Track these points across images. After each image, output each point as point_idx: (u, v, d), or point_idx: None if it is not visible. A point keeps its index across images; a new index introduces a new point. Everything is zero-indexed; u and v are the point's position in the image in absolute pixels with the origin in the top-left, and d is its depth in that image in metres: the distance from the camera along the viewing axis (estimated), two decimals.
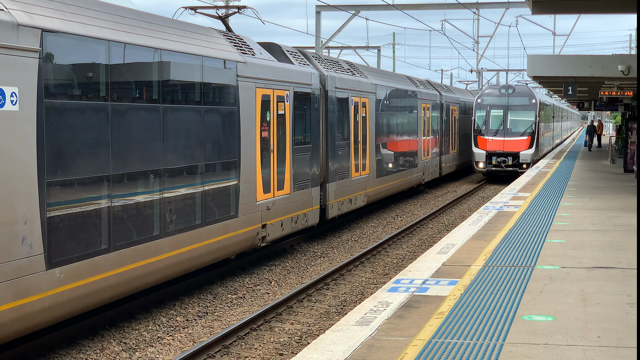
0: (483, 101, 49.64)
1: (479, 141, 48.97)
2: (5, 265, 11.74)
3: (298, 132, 23.40)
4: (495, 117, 49.12)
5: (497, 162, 48.11)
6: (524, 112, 49.13)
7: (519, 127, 48.86)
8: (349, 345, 9.09)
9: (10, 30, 11.83)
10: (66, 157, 13.18)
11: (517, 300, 11.30)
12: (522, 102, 49.22)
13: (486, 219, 19.85)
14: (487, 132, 48.95)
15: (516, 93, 49.58)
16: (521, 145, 48.28)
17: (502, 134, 48.70)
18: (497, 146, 48.36)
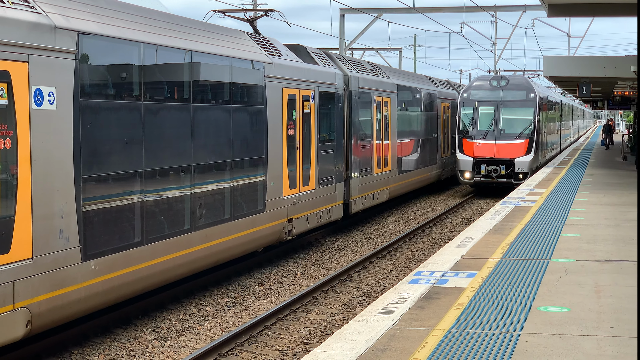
0: (470, 96, 38.51)
1: (464, 145, 38.13)
2: (43, 257, 11.78)
3: (323, 130, 23.37)
4: (485, 116, 38.09)
5: (487, 172, 37.25)
6: (521, 109, 38.05)
7: (514, 128, 37.81)
8: (371, 335, 9.06)
9: (48, 33, 11.86)
10: (101, 154, 13.21)
11: (533, 292, 11.23)
12: (518, 96, 38.16)
13: (503, 214, 19.75)
14: (474, 135, 37.78)
15: (511, 86, 38.41)
16: (516, 151, 37.41)
17: (493, 136, 37.65)
18: (486, 152, 37.52)
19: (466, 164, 37.72)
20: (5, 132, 11.05)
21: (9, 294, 11.12)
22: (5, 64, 11.00)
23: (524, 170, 36.83)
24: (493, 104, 38.04)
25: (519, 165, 37.12)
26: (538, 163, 39.21)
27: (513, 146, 37.37)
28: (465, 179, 37.83)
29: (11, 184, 11.22)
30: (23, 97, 11.35)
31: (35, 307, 11.65)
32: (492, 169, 37.15)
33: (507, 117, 37.94)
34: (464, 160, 37.86)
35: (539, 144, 39.12)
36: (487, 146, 37.48)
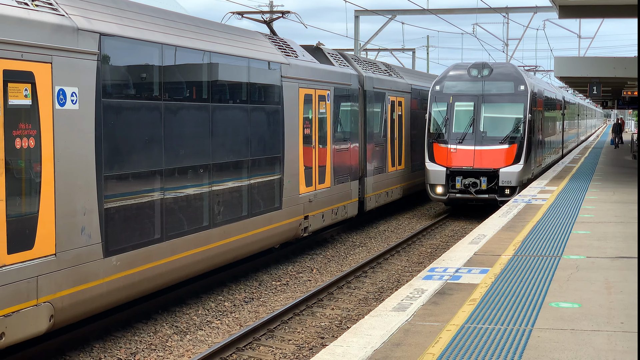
0: (443, 88, 29.92)
1: (435, 152, 29.16)
2: (66, 253, 11.82)
3: (338, 129, 23.36)
4: (462, 114, 29.53)
5: (464, 186, 28.47)
6: (508, 105, 29.45)
7: (499, 130, 29.06)
8: (386, 330, 9.06)
9: (71, 35, 11.89)
10: (122, 152, 13.24)
11: (545, 288, 11.20)
12: (504, 89, 29.60)
13: (515, 211, 19.70)
14: (448, 138, 29.13)
15: (495, 76, 29.79)
16: (502, 159, 28.53)
17: (471, 140, 28.87)
18: (463, 160, 28.70)
19: (437, 176, 28.78)
20: (30, 132, 11.09)
21: (33, 289, 11.16)
22: (30, 65, 11.04)
23: (511, 184, 28.11)
24: (472, 99, 29.28)
25: (504, 177, 28.20)
26: (530, 174, 30.55)
27: (497, 153, 28.54)
28: (437, 195, 28.96)
29: (35, 182, 11.26)
30: (47, 97, 11.39)
31: (58, 302, 11.69)
32: (470, 182, 28.26)
33: (490, 116, 29.13)
34: (435, 171, 28.86)
35: (532, 149, 30.59)
36: (465, 153, 28.63)
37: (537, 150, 32.90)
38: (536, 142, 32.20)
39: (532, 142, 30.52)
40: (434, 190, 29.00)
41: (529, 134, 29.37)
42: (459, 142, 28.83)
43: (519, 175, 28.55)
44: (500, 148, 28.71)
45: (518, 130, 29.00)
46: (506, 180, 28.28)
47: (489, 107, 29.32)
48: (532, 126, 30.27)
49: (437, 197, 29.06)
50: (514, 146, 28.76)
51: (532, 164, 31.07)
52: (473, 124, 29.08)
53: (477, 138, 28.82)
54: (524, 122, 29.09)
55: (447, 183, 28.66)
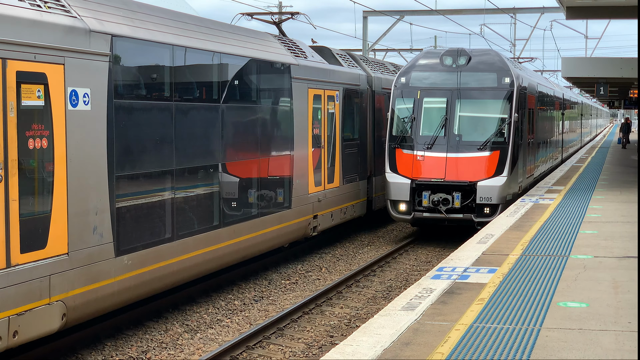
0: (409, 81, 23.96)
1: (398, 160, 23.30)
2: (78, 252, 11.85)
3: (347, 129, 23.36)
4: (432, 113, 23.60)
5: (433, 203, 22.51)
6: (489, 102, 23.42)
7: (478, 133, 23.22)
8: (395, 329, 9.06)
9: (83, 36, 11.92)
10: (133, 153, 13.27)
11: (552, 288, 11.19)
12: (485, 82, 23.56)
13: (523, 211, 19.68)
14: (415, 142, 23.15)
15: (474, 65, 23.75)
16: (480, 169, 22.73)
17: (443, 145, 23.05)
18: (432, 170, 22.87)
19: (400, 190, 22.83)
20: (42, 132, 11.13)
21: (45, 288, 11.19)
22: (42, 66, 11.08)
23: (491, 201, 22.29)
24: (445, 94, 23.43)
25: (483, 192, 22.31)
26: (517, 187, 24.39)
27: (475, 162, 22.69)
28: (399, 213, 22.96)
29: (48, 182, 11.29)
30: (59, 98, 11.42)
31: (70, 301, 11.72)
32: (440, 198, 22.39)
33: (467, 115, 23.29)
34: (397, 184, 22.89)
35: (520, 156, 24.52)
36: (434, 161, 22.79)
37: (528, 158, 26.52)
38: (526, 148, 25.91)
39: (520, 147, 24.39)
40: (396, 207, 22.92)
41: (516, 138, 23.40)
42: (428, 147, 22.88)
43: (502, 189, 22.42)
44: (479, 156, 22.65)
45: (502, 133, 22.90)
46: (485, 197, 22.25)
47: (466, 104, 23.30)
48: (521, 128, 24.35)
49: (400, 216, 22.98)
50: (496, 153, 22.69)
51: (520, 175, 24.78)
52: (445, 125, 23.03)
53: (451, 143, 22.86)
54: (510, 123, 22.96)
55: (412, 199, 22.67)
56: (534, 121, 28.18)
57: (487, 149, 22.71)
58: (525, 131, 25.51)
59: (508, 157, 22.73)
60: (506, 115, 23.05)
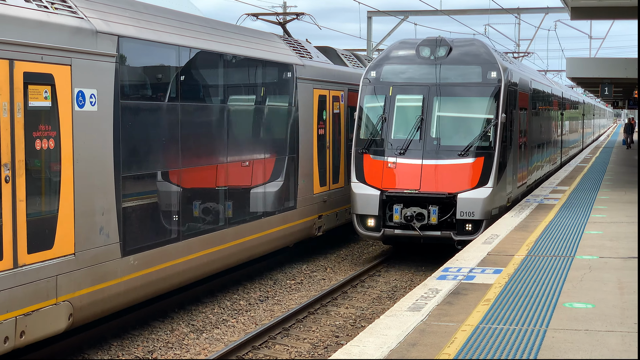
0: (380, 75, 20.78)
1: (366, 168, 20.17)
2: (85, 252, 11.86)
3: (352, 129, 23.36)
4: (406, 113, 20.43)
5: (406, 218, 19.28)
6: (473, 100, 20.25)
7: (459, 136, 20.04)
8: (402, 330, 9.06)
9: (90, 37, 11.93)
10: (139, 153, 13.28)
11: (558, 289, 11.18)
12: (468, 77, 20.36)
13: (527, 211, 19.67)
14: (385, 147, 20.08)
15: (456, 57, 20.59)
16: (461, 178, 19.55)
17: (418, 151, 19.86)
18: (405, 180, 19.71)
19: (367, 203, 19.62)
20: (49, 133, 11.14)
21: (52, 288, 11.21)
22: (49, 67, 11.09)
23: (474, 217, 19.07)
24: (421, 91, 20.17)
25: (465, 205, 19.05)
26: (506, 199, 20.94)
27: (455, 170, 19.43)
28: (368, 229, 19.72)
29: (54, 183, 11.31)
30: (66, 99, 11.43)
31: (77, 301, 11.74)
32: (414, 212, 19.14)
33: (447, 115, 20.09)
34: (364, 196, 19.68)
35: (510, 163, 21.20)
36: (408, 170, 19.59)
37: (519, 164, 23.08)
38: (516, 152, 22.45)
39: (510, 152, 21.14)
40: (363, 223, 19.69)
41: (504, 142, 20.17)
42: (400, 153, 19.60)
43: (487, 202, 19.12)
44: (460, 163, 19.39)
45: (487, 136, 19.61)
46: (467, 211, 19.00)
47: (446, 102, 20.04)
48: (510, 130, 21.10)
49: (367, 233, 19.68)
50: (480, 160, 19.41)
51: (509, 184, 21.36)
52: (421, 127, 19.77)
53: (427, 148, 19.61)
54: (496, 124, 19.66)
55: (382, 213, 19.45)
56: (527, 122, 24.80)
57: (469, 154, 19.42)
58: (516, 133, 22.20)
59: (494, 164, 19.42)
60: (492, 116, 19.74)
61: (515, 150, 22.05)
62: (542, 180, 29.94)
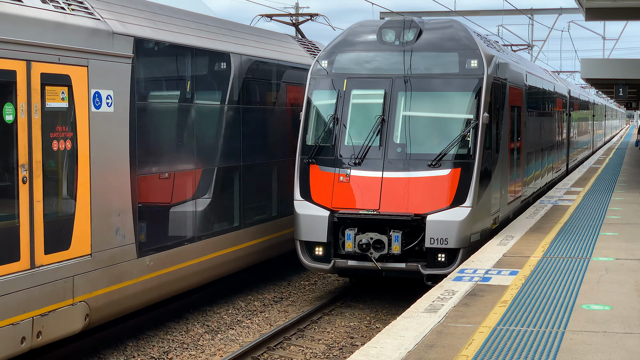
0: (333, 66, 16.50)
1: (313, 181, 15.80)
2: (101, 253, 11.89)
3: None
4: (363, 112, 16.12)
5: (361, 246, 14.89)
6: (446, 96, 15.89)
7: (429, 142, 15.68)
8: (419, 331, 9.05)
9: (106, 39, 11.96)
10: (155, 154, 13.30)
11: (575, 290, 11.15)
12: (441, 66, 16.00)
13: (542, 213, 19.63)
14: (337, 156, 15.80)
15: (427, 43, 16.28)
16: (432, 196, 15.23)
17: (378, 160, 15.53)
18: (362, 197, 15.36)
19: (314, 226, 15.47)
20: (66, 134, 11.17)
21: (69, 288, 11.24)
22: (66, 69, 11.12)
23: (447, 245, 14.91)
24: (383, 85, 16.06)
25: (436, 230, 14.96)
26: (491, 221, 16.68)
27: (424, 184, 15.35)
28: (314, 259, 15.60)
29: (71, 183, 11.34)
30: (83, 100, 11.46)
31: (93, 302, 11.77)
32: (370, 239, 15.04)
33: (415, 116, 15.85)
34: (309, 217, 15.50)
35: (496, 174, 16.93)
36: (365, 184, 15.50)
37: (510, 174, 18.88)
38: (506, 161, 18.18)
39: (497, 160, 16.96)
40: (310, 251, 15.57)
41: (487, 148, 16.06)
42: (356, 163, 15.55)
43: (464, 226, 14.97)
44: (430, 176, 15.28)
45: (465, 141, 15.49)
46: (439, 237, 14.85)
47: (413, 98, 15.85)
48: (497, 133, 16.96)
49: (314, 264, 15.52)
50: (456, 172, 15.30)
51: (496, 201, 17.12)
52: (382, 130, 15.67)
53: (389, 157, 15.53)
54: (477, 126, 15.51)
55: (332, 240, 15.33)
56: (521, 123, 20.54)
57: (442, 165, 15.27)
58: (505, 137, 17.95)
59: (474, 176, 15.26)
60: (472, 115, 15.58)
61: (504, 158, 17.80)
62: (544, 191, 26.08)
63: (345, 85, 16.17)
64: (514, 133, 19.31)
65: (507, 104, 18.15)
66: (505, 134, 17.89)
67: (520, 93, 20.43)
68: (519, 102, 20.29)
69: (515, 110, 19.46)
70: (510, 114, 18.76)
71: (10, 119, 10.22)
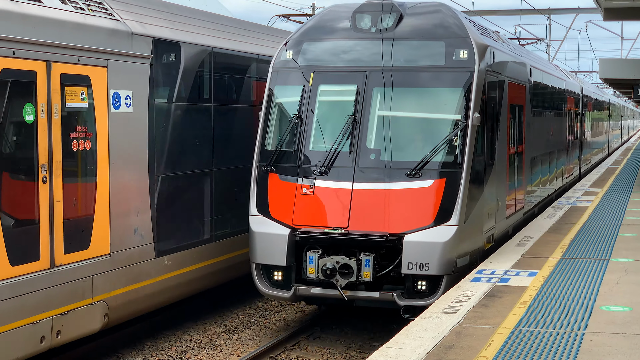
0: (297, 57, 14.02)
1: (271, 193, 13.42)
2: (120, 253, 11.94)
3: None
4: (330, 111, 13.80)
5: (325, 273, 12.53)
6: (430, 92, 13.47)
7: (408, 148, 13.28)
8: (438, 332, 9.05)
9: (125, 39, 12.01)
10: (173, 154, 13.34)
11: (595, 291, 11.13)
12: (423, 58, 13.55)
13: (560, 213, 19.58)
14: (299, 164, 13.40)
15: (408, 29, 13.76)
16: (411, 212, 12.78)
17: (347, 169, 13.14)
18: (328, 213, 12.99)
19: (271, 247, 13.17)
20: (86, 134, 11.23)
21: (88, 288, 11.29)
22: (86, 69, 11.17)
23: (428, 271, 12.55)
24: (355, 79, 13.76)
25: (414, 254, 12.61)
26: (483, 240, 14.26)
27: (402, 198, 12.99)
28: (272, 286, 13.37)
29: (91, 183, 11.39)
30: (102, 100, 11.51)
31: (112, 301, 11.82)
32: (336, 264, 12.67)
33: (391, 116, 13.52)
34: (267, 236, 13.20)
35: (490, 184, 14.58)
36: (330, 197, 13.20)
37: (509, 183, 16.38)
38: (504, 168, 15.75)
39: (492, 168, 14.58)
40: (268, 275, 13.31)
41: (479, 154, 13.69)
42: (322, 172, 13.22)
43: (449, 248, 12.67)
44: (409, 188, 12.98)
45: (452, 147, 13.16)
46: (418, 262, 12.57)
47: (391, 96, 13.53)
48: (491, 137, 14.59)
49: (272, 292, 13.25)
50: (440, 183, 12.95)
51: (491, 216, 14.70)
52: (353, 133, 13.35)
53: (361, 164, 13.21)
54: (465, 128, 13.15)
55: (297, 262, 13.17)
56: (523, 124, 18.02)
57: (424, 175, 12.93)
58: (503, 140, 15.56)
59: (461, 188, 12.87)
60: (460, 116, 13.20)
61: (501, 165, 15.36)
62: (552, 200, 23.53)
63: (311, 80, 13.78)
64: (514, 136, 16.87)
65: (506, 103, 15.85)
66: (503, 137, 15.51)
67: (522, 90, 17.90)
68: (521, 100, 17.78)
69: (516, 110, 17.03)
70: (510, 114, 16.34)
71: (31, 119, 10.28)
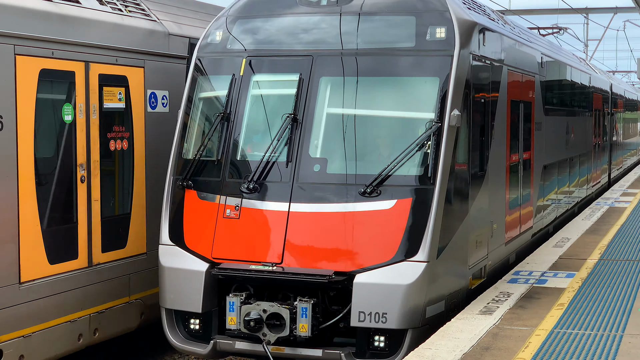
0: (228, 39, 10.57)
1: (187, 216, 10.06)
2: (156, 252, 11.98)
3: None
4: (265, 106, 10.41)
5: (247, 323, 9.13)
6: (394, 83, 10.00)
7: (367, 157, 9.82)
8: (474, 334, 9.01)
9: (162, 40, 12.08)
10: None
11: (633, 293, 11.03)
12: (387, 38, 10.00)
13: (598, 214, 19.43)
14: (223, 178, 10.08)
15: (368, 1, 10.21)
16: (364, 243, 9.30)
17: (284, 185, 9.75)
18: (255, 244, 9.58)
19: (184, 287, 9.77)
20: (123, 134, 11.31)
21: (125, 286, 11.37)
22: (124, 69, 11.25)
23: (385, 324, 9.12)
24: (299, 66, 10.25)
25: (366, 300, 9.16)
26: (467, 278, 10.55)
27: (353, 224, 9.46)
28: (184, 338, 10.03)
29: (128, 183, 11.47)
30: (139, 100, 11.59)
31: (148, 300, 11.89)
32: (262, 313, 9.27)
33: (343, 114, 10.04)
34: (180, 273, 9.83)
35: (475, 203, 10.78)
36: (261, 222, 9.74)
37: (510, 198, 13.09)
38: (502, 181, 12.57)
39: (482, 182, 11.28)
40: (183, 324, 10.14)
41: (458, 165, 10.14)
42: (250, 188, 9.97)
43: (414, 293, 9.32)
44: (364, 210, 9.62)
45: (422, 155, 9.79)
46: (372, 312, 9.25)
47: (343, 88, 10.17)
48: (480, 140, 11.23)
49: (185, 346, 10.07)
50: (404, 204, 9.58)
51: (483, 244, 11.35)
52: (292, 136, 10.07)
53: (301, 179, 9.91)
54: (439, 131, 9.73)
55: (218, 306, 9.94)
56: (531, 125, 14.68)
57: (383, 193, 9.65)
58: (501, 146, 12.37)
59: (433, 210, 9.54)
60: (432, 114, 9.84)
61: (496, 177, 12.10)
62: (573, 213, 20.01)
63: (242, 68, 10.60)
64: (517, 139, 13.56)
65: (505, 98, 12.60)
66: (500, 141, 12.27)
67: (530, 83, 14.54)
68: (528, 96, 14.38)
69: (520, 108, 13.74)
70: (511, 113, 13.08)
71: (69, 119, 10.37)
